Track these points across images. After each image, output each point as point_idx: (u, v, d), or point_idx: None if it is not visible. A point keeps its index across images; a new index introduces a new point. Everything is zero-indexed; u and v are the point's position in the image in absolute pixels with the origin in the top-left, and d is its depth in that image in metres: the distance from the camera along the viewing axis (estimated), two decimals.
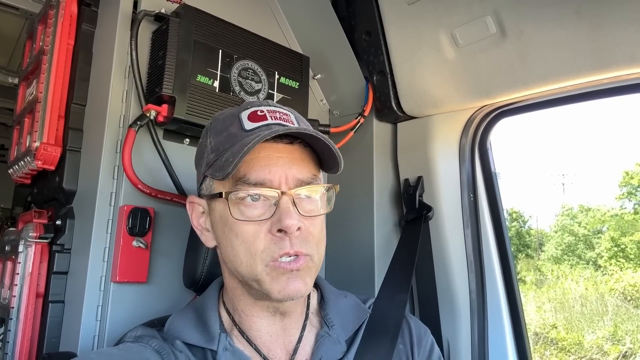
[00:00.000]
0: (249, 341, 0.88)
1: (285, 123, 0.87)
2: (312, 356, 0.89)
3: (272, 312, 0.89)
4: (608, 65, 1.05)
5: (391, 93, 1.45)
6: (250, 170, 0.83)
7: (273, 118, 0.87)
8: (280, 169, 0.83)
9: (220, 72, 1.26)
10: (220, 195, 0.84)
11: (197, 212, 0.93)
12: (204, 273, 1.06)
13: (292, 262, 0.82)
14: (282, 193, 0.82)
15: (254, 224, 0.83)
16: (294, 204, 0.83)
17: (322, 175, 0.93)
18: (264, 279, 0.82)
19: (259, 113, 0.87)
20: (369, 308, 1.03)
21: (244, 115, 0.88)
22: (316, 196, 0.88)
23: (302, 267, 0.83)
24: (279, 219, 0.81)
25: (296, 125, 0.88)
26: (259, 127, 0.85)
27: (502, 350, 1.39)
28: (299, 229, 0.82)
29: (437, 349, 1.03)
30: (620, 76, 1.07)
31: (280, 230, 0.81)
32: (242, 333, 0.89)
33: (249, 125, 0.85)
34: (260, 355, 0.88)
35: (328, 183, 0.92)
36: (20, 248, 1.26)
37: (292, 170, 0.84)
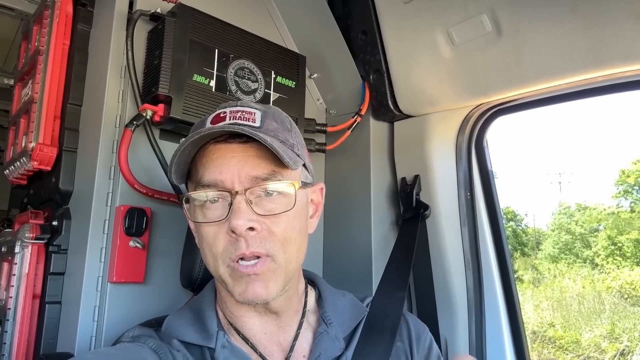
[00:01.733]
0: (245, 339, 0.89)
1: (243, 122, 0.84)
2: (311, 353, 0.89)
3: (263, 311, 0.89)
4: (603, 62, 1.06)
5: (388, 92, 1.45)
6: (205, 172, 0.83)
7: (233, 118, 0.84)
8: (233, 168, 0.81)
9: (217, 71, 1.26)
10: (184, 199, 0.87)
11: None
12: (200, 273, 1.06)
13: (250, 267, 0.80)
14: (236, 192, 0.80)
15: (214, 226, 0.82)
16: (250, 203, 0.81)
17: (300, 172, 0.89)
18: (227, 280, 0.83)
19: (221, 115, 0.86)
20: (366, 306, 1.03)
21: (209, 118, 0.87)
22: (279, 192, 0.83)
23: (262, 271, 0.80)
24: (229, 220, 0.80)
25: (257, 124, 0.85)
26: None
27: (499, 349, 1.39)
28: (252, 229, 0.79)
29: (435, 346, 1.03)
30: (616, 73, 1.07)
31: (233, 231, 0.79)
32: (237, 332, 0.89)
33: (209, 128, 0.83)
34: (257, 352, 0.88)
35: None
36: (17, 249, 1.25)
37: (246, 168, 0.81)
